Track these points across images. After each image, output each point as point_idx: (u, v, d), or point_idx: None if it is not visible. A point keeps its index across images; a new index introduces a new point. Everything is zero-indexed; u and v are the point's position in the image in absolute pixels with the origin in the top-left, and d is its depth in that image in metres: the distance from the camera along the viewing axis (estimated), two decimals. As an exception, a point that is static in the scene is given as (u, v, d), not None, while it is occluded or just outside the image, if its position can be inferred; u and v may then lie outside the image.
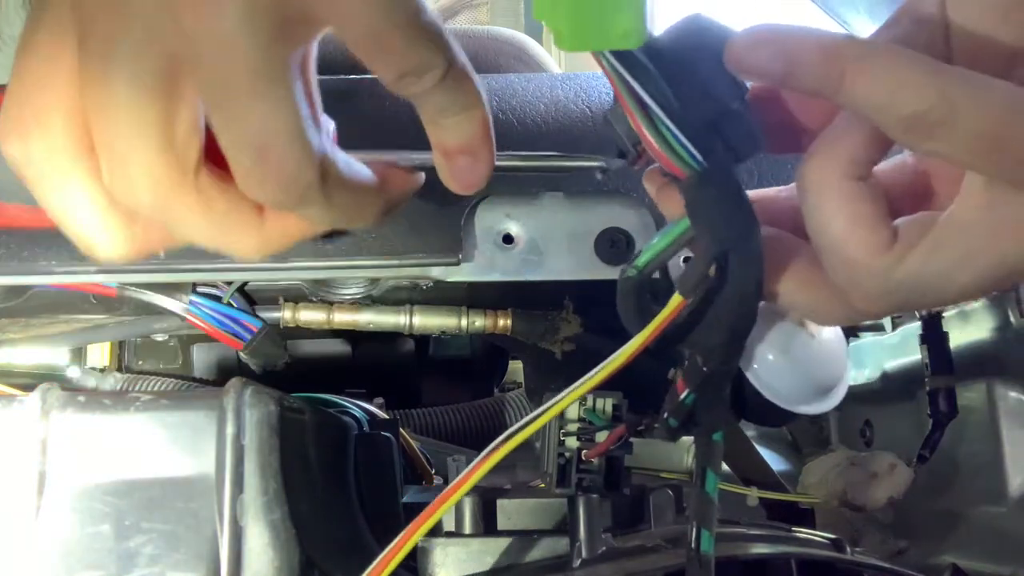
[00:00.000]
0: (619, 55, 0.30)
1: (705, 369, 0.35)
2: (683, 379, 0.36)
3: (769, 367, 0.47)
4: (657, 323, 0.34)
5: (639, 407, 0.44)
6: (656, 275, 0.35)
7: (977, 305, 0.65)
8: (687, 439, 0.71)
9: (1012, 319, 0.62)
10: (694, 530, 0.35)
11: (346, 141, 0.51)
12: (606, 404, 0.46)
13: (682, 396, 0.36)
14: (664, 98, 0.31)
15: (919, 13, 0.31)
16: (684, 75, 0.31)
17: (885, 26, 0.32)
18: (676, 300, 0.34)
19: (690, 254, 0.35)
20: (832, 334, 0.49)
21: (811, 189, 0.31)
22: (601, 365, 0.35)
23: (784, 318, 0.41)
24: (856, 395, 0.81)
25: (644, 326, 0.34)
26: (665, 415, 0.38)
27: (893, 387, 0.76)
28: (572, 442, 0.46)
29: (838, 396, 0.49)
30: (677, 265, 0.48)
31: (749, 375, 0.47)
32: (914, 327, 0.68)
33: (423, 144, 0.45)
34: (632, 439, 0.45)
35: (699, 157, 0.31)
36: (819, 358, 0.48)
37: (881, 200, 0.31)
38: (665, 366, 0.41)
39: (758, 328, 0.39)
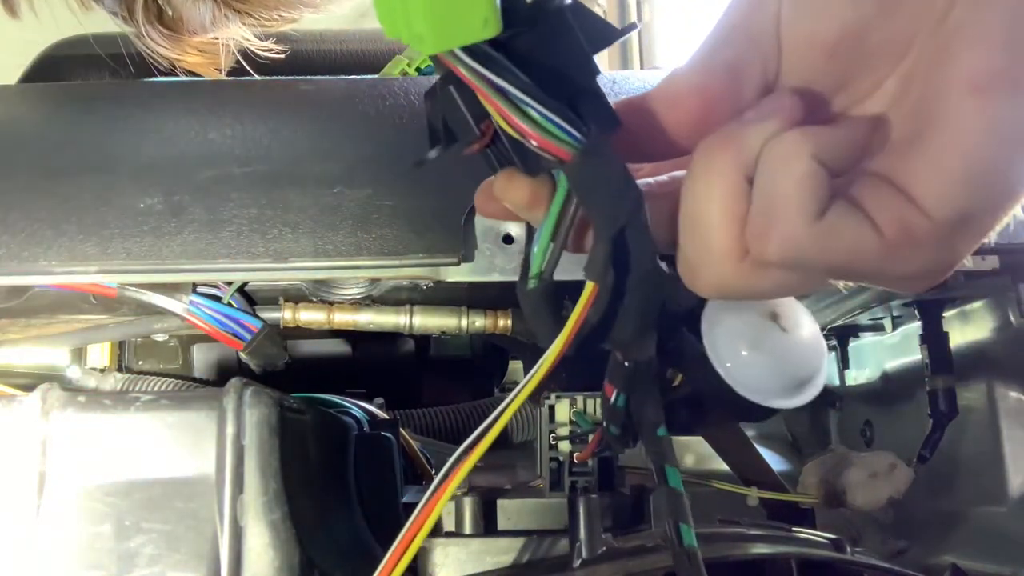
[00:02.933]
0: (469, 51, 0.29)
1: (626, 364, 0.35)
2: (608, 382, 0.36)
3: (742, 363, 0.47)
4: (577, 313, 0.33)
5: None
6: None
7: (977, 305, 0.65)
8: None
9: (1012, 319, 0.62)
10: (672, 528, 0.35)
11: (345, 140, 0.51)
12: (595, 405, 0.46)
13: (612, 399, 0.36)
14: (524, 84, 0.30)
15: (753, 32, 0.32)
16: (536, 57, 0.30)
17: (721, 45, 0.32)
18: (589, 287, 0.33)
19: None
20: (807, 327, 0.49)
21: (705, 173, 0.31)
22: (530, 374, 0.34)
23: (755, 313, 0.41)
24: (856, 395, 0.81)
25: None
26: (605, 424, 0.37)
27: (893, 387, 0.76)
28: (564, 446, 0.46)
29: (815, 389, 0.49)
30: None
31: (721, 371, 0.47)
32: (914, 327, 0.68)
33: (421, 141, 0.45)
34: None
35: (577, 135, 0.30)
36: (792, 351, 0.47)
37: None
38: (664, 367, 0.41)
39: (729, 324, 0.39)
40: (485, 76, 0.29)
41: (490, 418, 0.35)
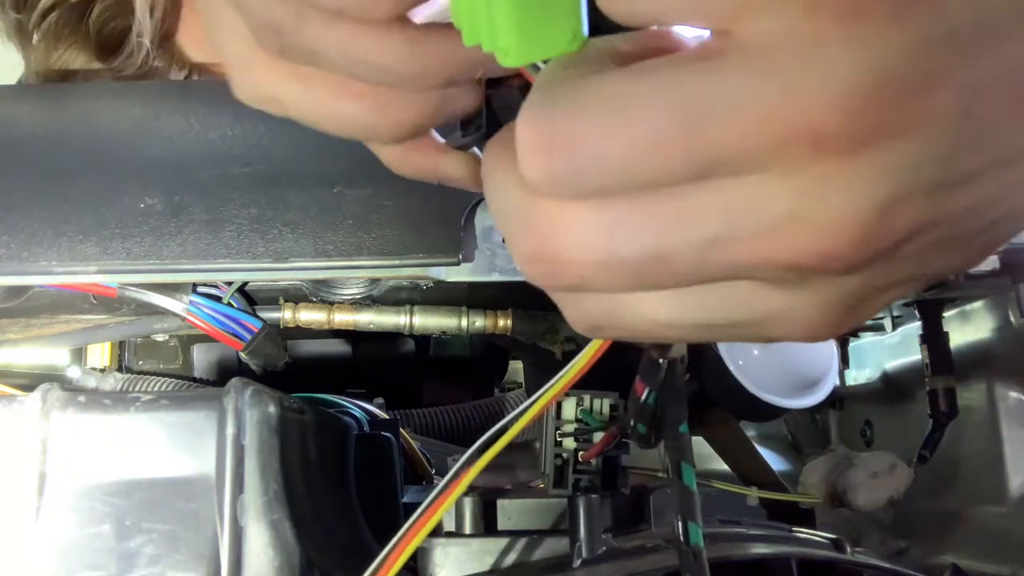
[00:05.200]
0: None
1: (660, 362, 0.35)
2: (640, 380, 0.36)
3: (754, 362, 0.47)
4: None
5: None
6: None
7: (977, 305, 0.65)
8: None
9: (1012, 319, 0.62)
10: (680, 525, 0.35)
11: (345, 140, 0.51)
12: (603, 404, 0.46)
13: (643, 397, 0.36)
14: None
15: None
16: None
17: None
18: None
19: None
20: None
21: None
22: (568, 366, 0.34)
23: None
24: (856, 395, 0.81)
25: None
26: (632, 423, 0.37)
27: (893, 387, 0.76)
28: (569, 443, 0.46)
29: (825, 390, 0.49)
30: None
31: (734, 370, 0.47)
32: (914, 327, 0.68)
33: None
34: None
35: None
36: (804, 352, 0.48)
37: None
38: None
39: None
40: None
41: (504, 420, 0.35)
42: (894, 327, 0.73)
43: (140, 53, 0.69)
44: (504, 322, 0.62)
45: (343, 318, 0.61)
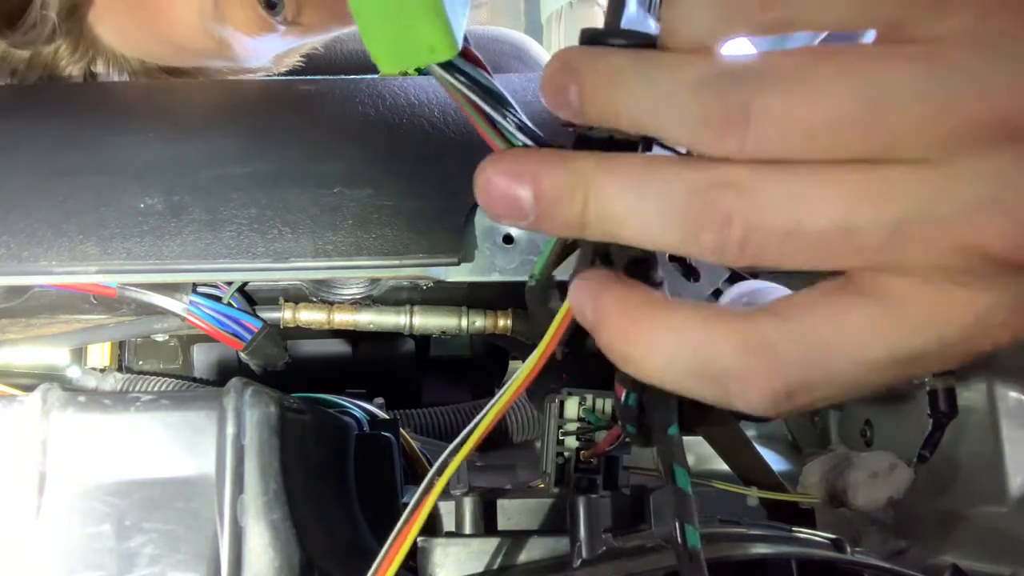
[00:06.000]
0: (444, 65, 0.29)
1: None
2: (618, 383, 0.36)
3: None
4: (564, 311, 0.33)
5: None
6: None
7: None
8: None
9: (1012, 319, 0.62)
10: (677, 527, 0.35)
11: (345, 140, 0.51)
12: (605, 404, 0.46)
13: (623, 399, 0.36)
14: (495, 98, 0.30)
15: None
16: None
17: None
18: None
19: None
20: None
21: None
22: (521, 367, 0.35)
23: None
24: (856, 395, 0.81)
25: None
26: (621, 424, 0.37)
27: (893, 387, 0.76)
28: (571, 442, 0.46)
29: None
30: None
31: None
32: (914, 327, 0.67)
33: (421, 141, 0.44)
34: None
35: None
36: None
37: None
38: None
39: None
40: (456, 87, 0.30)
41: (480, 414, 0.35)
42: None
43: (45, 27, 0.64)
44: (504, 322, 0.62)
45: (343, 318, 0.61)
